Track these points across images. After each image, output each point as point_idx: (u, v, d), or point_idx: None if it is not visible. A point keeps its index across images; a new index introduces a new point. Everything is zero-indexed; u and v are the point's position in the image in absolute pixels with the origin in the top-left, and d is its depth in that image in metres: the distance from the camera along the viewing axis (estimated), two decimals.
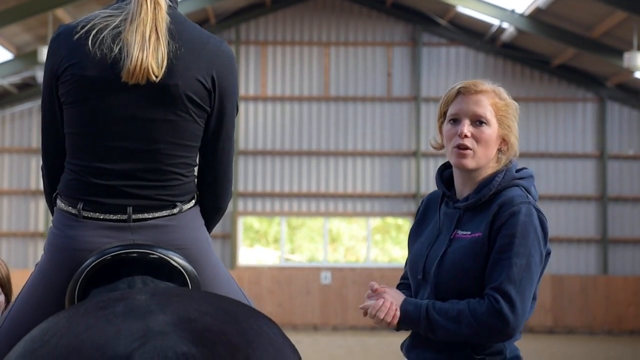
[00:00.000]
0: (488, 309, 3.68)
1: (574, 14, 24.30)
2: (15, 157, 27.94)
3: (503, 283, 3.68)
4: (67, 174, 3.35)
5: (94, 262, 3.22)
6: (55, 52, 3.35)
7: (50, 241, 3.35)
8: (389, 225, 29.20)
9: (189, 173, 3.39)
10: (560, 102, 28.42)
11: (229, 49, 3.42)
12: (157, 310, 2.68)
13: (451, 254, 3.83)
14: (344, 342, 23.70)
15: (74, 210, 3.30)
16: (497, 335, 3.72)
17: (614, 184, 28.17)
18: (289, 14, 28.84)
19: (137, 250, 3.25)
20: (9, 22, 22.22)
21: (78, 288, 3.23)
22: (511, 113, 3.93)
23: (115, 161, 3.27)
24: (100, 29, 3.26)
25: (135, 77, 3.19)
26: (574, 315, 27.22)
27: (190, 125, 3.31)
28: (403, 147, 28.27)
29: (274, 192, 28.16)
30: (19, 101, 28.00)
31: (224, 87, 3.37)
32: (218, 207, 3.56)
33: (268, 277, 27.43)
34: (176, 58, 3.25)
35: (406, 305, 3.83)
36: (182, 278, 3.28)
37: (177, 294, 2.89)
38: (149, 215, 3.30)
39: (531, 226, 3.75)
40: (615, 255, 28.05)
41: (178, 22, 3.33)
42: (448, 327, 3.72)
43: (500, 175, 3.88)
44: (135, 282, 3.21)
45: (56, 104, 3.35)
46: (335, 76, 28.56)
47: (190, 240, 3.36)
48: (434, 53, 28.77)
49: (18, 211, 27.74)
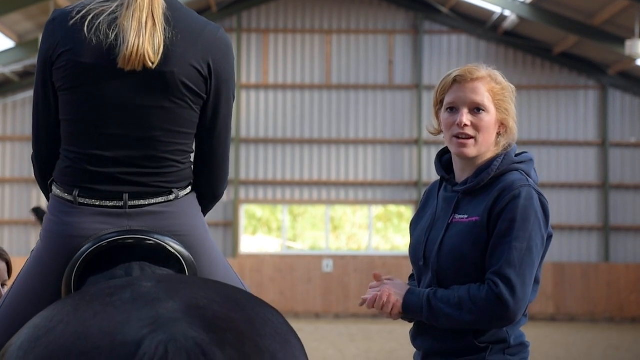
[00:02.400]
0: (487, 293, 3.67)
1: (576, 2, 24.27)
2: (17, 145, 27.94)
3: (503, 267, 3.67)
4: (62, 161, 3.33)
5: (91, 249, 3.21)
6: (49, 37, 3.31)
7: (46, 227, 3.33)
8: (390, 213, 29.21)
9: (185, 160, 3.37)
10: (562, 89, 28.40)
11: (225, 36, 3.40)
12: (165, 297, 2.67)
13: (449, 239, 3.82)
14: (345, 330, 23.73)
15: (70, 197, 3.28)
16: (498, 319, 3.71)
17: (616, 172, 28.17)
18: (291, 1, 28.81)
19: (134, 236, 3.24)
20: (11, 10, 22.22)
21: (74, 275, 3.21)
22: (508, 96, 3.93)
23: (110, 148, 3.25)
24: (96, 14, 3.23)
25: (131, 64, 3.18)
26: (576, 303, 27.25)
27: (186, 112, 3.30)
28: (405, 135, 28.26)
29: (276, 180, 28.17)
30: (21, 89, 27.99)
31: (220, 74, 3.35)
32: (214, 195, 3.55)
33: (270, 265, 27.46)
34: (172, 44, 3.23)
35: (408, 296, 3.83)
36: (179, 264, 3.27)
37: (182, 281, 2.89)
38: (145, 202, 3.28)
39: (532, 209, 3.74)
40: (617, 243, 28.07)
41: (174, 9, 3.31)
42: (450, 314, 3.72)
43: (499, 159, 3.87)
44: (132, 268, 3.20)
45: (50, 90, 3.33)
46: (337, 64, 28.54)
47: (186, 227, 3.35)
48: (435, 41, 28.74)
49: (20, 199, 27.77)
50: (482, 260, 3.76)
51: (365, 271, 27.01)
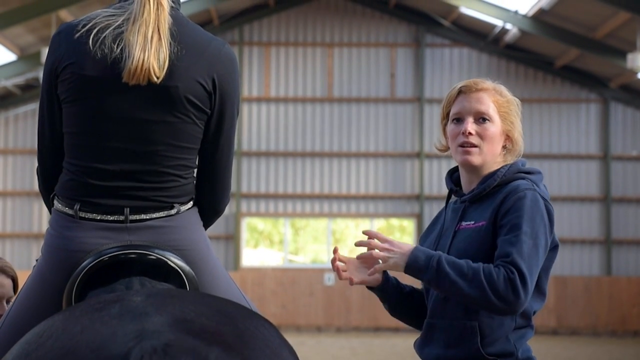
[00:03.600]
0: (504, 277, 3.59)
1: (578, 15, 24.29)
2: (19, 158, 27.95)
3: (515, 257, 3.61)
4: (64, 175, 3.33)
5: (92, 264, 3.20)
6: (55, 50, 3.31)
7: (47, 242, 3.32)
8: (392, 227, 29.19)
9: (187, 175, 3.36)
10: (563, 103, 28.40)
11: (231, 51, 3.39)
12: (152, 311, 2.66)
13: (457, 245, 3.83)
14: (347, 344, 23.69)
15: (71, 211, 3.28)
16: (504, 306, 3.62)
17: (618, 185, 28.16)
18: (293, 14, 28.85)
19: (135, 251, 3.23)
20: (13, 23, 22.24)
21: (75, 289, 3.21)
22: (513, 109, 3.94)
23: (113, 162, 3.24)
24: (101, 28, 3.24)
25: (136, 78, 3.17)
26: (578, 316, 27.21)
27: (189, 127, 3.29)
28: (407, 148, 28.26)
29: (278, 193, 28.16)
30: (23, 102, 28.01)
31: (225, 90, 3.34)
32: (215, 210, 3.54)
33: (272, 278, 27.43)
34: (177, 59, 3.23)
35: (416, 252, 3.73)
36: (179, 279, 3.26)
37: (173, 295, 2.87)
38: (146, 216, 3.28)
39: (538, 211, 3.73)
40: (619, 256, 28.03)
41: (180, 24, 3.30)
42: (457, 282, 3.63)
43: (505, 167, 3.89)
44: (132, 283, 3.20)
45: (55, 103, 3.33)
46: (339, 77, 28.56)
47: (188, 242, 3.33)
48: (437, 54, 28.77)
49: (22, 212, 27.76)
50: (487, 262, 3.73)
51: None
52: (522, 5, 25.23)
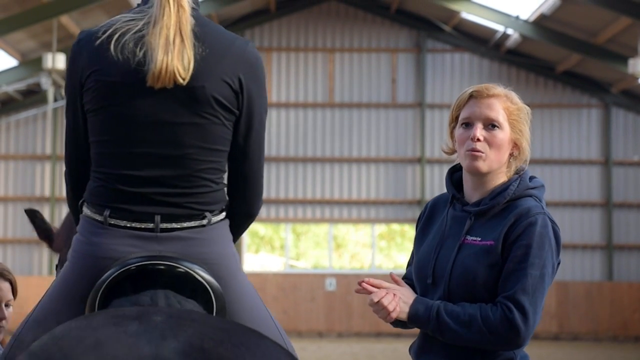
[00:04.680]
0: (501, 317, 3.65)
1: (579, 20, 24.29)
2: (20, 163, 27.95)
3: (517, 293, 3.65)
4: (93, 182, 3.27)
5: (118, 272, 3.13)
6: (76, 58, 3.26)
7: (75, 248, 3.26)
8: (394, 232, 29.18)
9: (218, 180, 3.31)
10: (564, 108, 28.40)
11: (255, 50, 3.36)
12: (169, 335, 2.61)
13: (462, 260, 3.80)
14: (348, 349, 23.67)
15: (100, 218, 3.22)
16: (507, 344, 3.69)
17: (619, 190, 28.14)
18: (294, 20, 28.85)
19: (163, 262, 3.16)
20: (14, 29, 22.24)
21: (99, 297, 3.14)
22: (523, 117, 3.91)
23: (142, 168, 3.19)
24: (122, 33, 3.20)
25: (161, 81, 3.14)
26: (579, 322, 27.18)
27: (218, 128, 3.24)
28: (408, 154, 28.25)
29: (279, 198, 28.15)
30: (24, 108, 28.02)
31: (252, 89, 3.30)
32: (249, 214, 3.49)
33: (273, 283, 27.41)
34: (202, 60, 3.19)
35: (417, 305, 3.78)
36: (206, 294, 3.19)
37: (194, 319, 2.81)
38: (177, 225, 3.21)
39: (547, 237, 3.74)
40: (621, 262, 28.01)
41: (202, 24, 3.27)
42: (457, 330, 3.69)
43: (515, 184, 3.85)
44: (157, 296, 3.13)
45: (80, 112, 3.28)
46: (340, 82, 28.56)
47: (217, 255, 3.27)
48: (438, 59, 28.77)
49: (23, 218, 27.69)
50: (494, 284, 3.74)
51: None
52: (523, 11, 25.25)
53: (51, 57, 23.01)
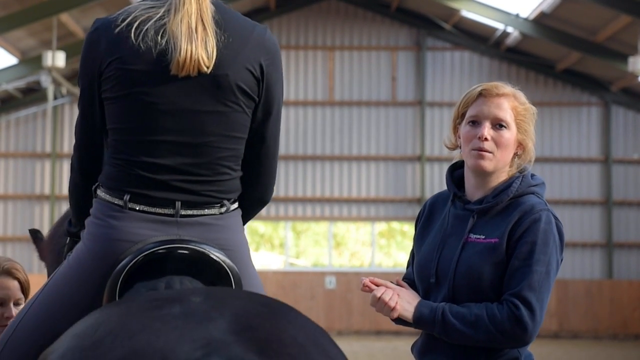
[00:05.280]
0: (508, 315, 3.65)
1: (579, 18, 24.29)
2: (20, 161, 27.96)
3: (524, 289, 3.65)
4: (111, 167, 3.24)
5: (142, 254, 3.11)
6: (94, 46, 3.23)
7: (91, 231, 3.22)
8: (393, 230, 29.19)
9: (237, 167, 3.31)
10: (564, 106, 28.40)
11: (273, 37, 3.35)
12: (216, 315, 2.60)
13: (466, 258, 3.78)
14: (348, 347, 23.67)
15: (120, 202, 3.19)
16: (514, 341, 3.70)
17: (619, 189, 28.15)
18: (294, 18, 28.85)
19: (186, 245, 3.15)
20: (14, 26, 22.24)
21: (121, 280, 3.11)
22: (529, 117, 3.93)
23: (164, 155, 3.19)
24: (142, 20, 3.17)
25: (185, 69, 3.13)
26: (579, 320, 27.18)
27: (239, 116, 3.24)
28: (408, 152, 28.25)
29: (279, 196, 28.14)
30: (24, 106, 28.02)
31: (271, 75, 3.30)
32: (264, 200, 3.49)
33: (273, 281, 27.41)
34: (225, 47, 3.18)
35: (421, 308, 3.78)
36: (227, 279, 3.19)
37: (233, 296, 2.82)
38: (197, 212, 3.21)
39: (551, 234, 3.75)
40: (620, 260, 28.02)
41: (223, 12, 3.26)
42: (464, 331, 3.68)
43: (518, 182, 3.85)
44: (179, 280, 3.11)
45: (97, 100, 3.26)
46: (340, 81, 28.56)
47: (233, 242, 3.28)
48: (438, 57, 28.77)
49: (23, 216, 27.75)
50: (499, 282, 3.73)
51: None
52: (523, 9, 25.24)
53: (51, 55, 23.00)
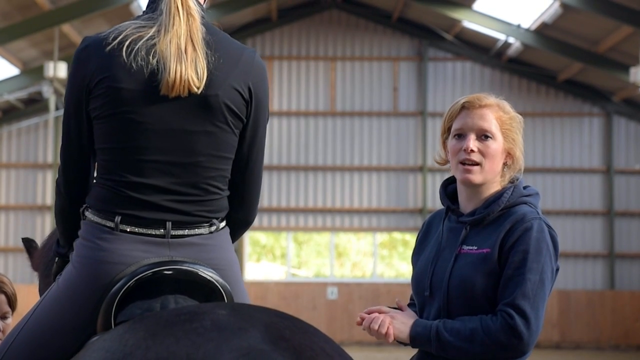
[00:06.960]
0: (502, 325, 3.63)
1: (580, 29, 24.30)
2: (22, 172, 27.96)
3: (517, 299, 3.64)
4: (99, 189, 3.23)
5: (137, 277, 3.11)
6: (84, 64, 3.22)
7: (81, 253, 3.21)
8: (395, 241, 29.16)
9: (224, 186, 3.32)
10: (566, 117, 28.39)
11: (261, 60, 3.38)
12: (247, 326, 2.62)
13: (459, 270, 3.78)
14: None
15: (111, 224, 3.18)
16: (511, 351, 3.68)
17: (621, 199, 28.12)
18: (295, 28, 28.87)
19: (178, 267, 3.15)
20: (16, 37, 22.27)
21: (117, 302, 3.11)
22: (515, 126, 3.91)
23: (154, 175, 3.18)
24: (133, 39, 3.17)
25: (175, 90, 3.14)
26: (581, 331, 27.14)
27: (228, 136, 3.26)
28: (409, 162, 28.25)
29: (281, 207, 28.14)
30: (25, 116, 28.03)
31: (259, 98, 3.32)
32: (248, 221, 3.50)
33: (274, 292, 27.39)
34: (215, 68, 3.20)
35: (416, 327, 3.78)
36: (220, 297, 3.19)
37: (256, 310, 2.85)
38: (188, 232, 3.21)
39: (544, 242, 3.72)
40: (622, 270, 27.97)
41: (213, 33, 3.28)
42: (461, 346, 3.68)
43: (509, 192, 3.85)
44: (168, 301, 3.11)
45: (84, 119, 3.24)
46: (342, 91, 28.57)
47: (224, 261, 3.28)
48: (440, 68, 28.78)
49: (24, 227, 27.73)
50: (493, 292, 3.73)
51: (370, 298, 26.92)
52: (525, 19, 25.24)
53: (53, 65, 23.03)
